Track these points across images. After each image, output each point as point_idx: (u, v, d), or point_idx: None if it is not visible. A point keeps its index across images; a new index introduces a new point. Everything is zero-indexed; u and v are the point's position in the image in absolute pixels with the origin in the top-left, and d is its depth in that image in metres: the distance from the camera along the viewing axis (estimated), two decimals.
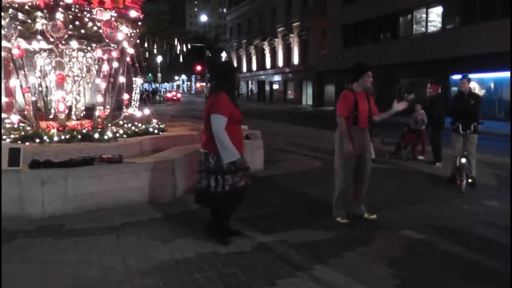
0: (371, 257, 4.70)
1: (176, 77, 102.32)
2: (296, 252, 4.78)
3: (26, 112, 9.58)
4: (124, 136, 9.03)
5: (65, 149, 7.66)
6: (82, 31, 9.07)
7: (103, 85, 9.70)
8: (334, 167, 6.15)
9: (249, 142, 8.91)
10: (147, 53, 23.94)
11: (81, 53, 9.95)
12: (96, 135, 8.66)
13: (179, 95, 67.87)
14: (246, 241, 5.16)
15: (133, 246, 5.02)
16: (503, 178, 9.21)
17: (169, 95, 66.06)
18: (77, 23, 8.93)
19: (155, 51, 23.53)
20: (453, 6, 27.65)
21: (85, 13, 8.99)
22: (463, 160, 8.17)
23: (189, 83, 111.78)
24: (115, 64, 9.89)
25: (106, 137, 8.70)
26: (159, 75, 57.52)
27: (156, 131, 9.87)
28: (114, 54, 9.50)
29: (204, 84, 78.50)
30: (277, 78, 54.76)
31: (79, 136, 8.56)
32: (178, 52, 23.07)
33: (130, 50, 10.18)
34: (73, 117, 9.95)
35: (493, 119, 24.54)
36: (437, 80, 27.02)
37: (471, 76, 25.61)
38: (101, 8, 9.18)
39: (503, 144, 15.45)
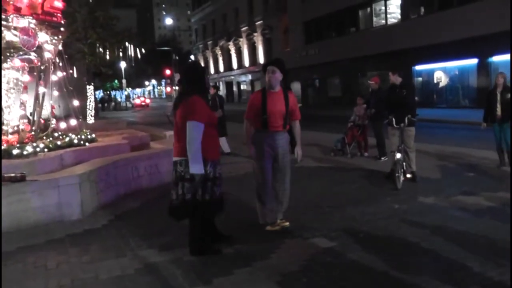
0: (265, 273, 4.29)
1: (146, 82, 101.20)
2: (182, 273, 4.36)
3: None
4: (46, 150, 8.49)
5: None
6: None
7: (24, 97, 9.16)
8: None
9: None
10: (98, 59, 23.34)
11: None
12: (15, 151, 8.10)
13: (148, 101, 67.25)
14: (135, 261, 4.75)
15: (13, 275, 4.57)
16: (449, 170, 8.97)
17: (137, 101, 65.46)
18: None
19: (107, 57, 23.00)
20: None
21: (0, 21, 8.43)
22: (398, 155, 7.86)
23: (160, 87, 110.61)
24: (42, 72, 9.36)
25: (25, 152, 8.14)
26: (123, 81, 56.67)
27: (82, 142, 9.33)
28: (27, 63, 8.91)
29: (174, 88, 77.87)
30: (244, 78, 54.40)
31: None
32: (133, 56, 22.57)
33: (48, 55, 9.52)
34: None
35: (457, 107, 24.59)
36: (401, 71, 27.08)
37: (435, 65, 25.82)
38: (17, 15, 8.62)
39: (465, 132, 15.29)
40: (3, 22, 8.32)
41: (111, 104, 58.13)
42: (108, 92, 69.12)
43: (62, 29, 9.70)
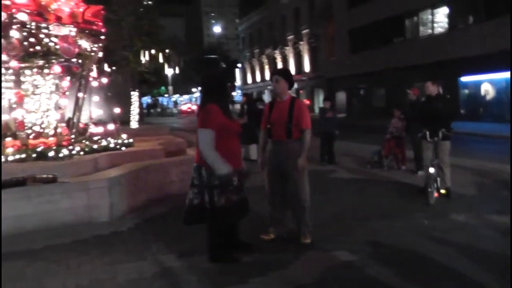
0: (279, 283, 4.26)
1: (194, 89, 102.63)
2: (198, 279, 4.40)
3: None
4: (81, 153, 8.73)
5: (8, 168, 7.35)
6: (38, 47, 8.85)
7: (64, 102, 9.46)
8: None
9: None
10: (143, 67, 23.86)
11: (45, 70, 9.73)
12: (51, 153, 8.37)
13: (194, 107, 68.13)
14: (154, 265, 4.82)
15: (34, 273, 4.73)
16: (486, 187, 8.59)
17: (184, 107, 66.56)
18: (32, 39, 8.70)
19: (151, 64, 23.45)
20: (458, 6, 26.94)
21: (41, 29, 8.76)
22: (431, 170, 7.63)
23: None
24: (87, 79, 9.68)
25: (61, 155, 8.41)
26: (170, 88, 57.76)
27: (118, 146, 9.55)
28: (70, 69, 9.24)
29: None
30: None
31: (33, 155, 8.30)
32: (176, 64, 23.02)
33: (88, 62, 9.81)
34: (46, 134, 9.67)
35: (504, 121, 23.63)
36: (442, 82, 26.39)
37: (482, 77, 24.47)
38: (59, 24, 8.94)
39: (509, 148, 14.57)
40: (44, 31, 8.64)
41: (156, 110, 59.44)
42: (155, 98, 70.58)
43: (102, 37, 9.97)
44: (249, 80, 68.95)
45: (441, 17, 28.84)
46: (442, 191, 7.82)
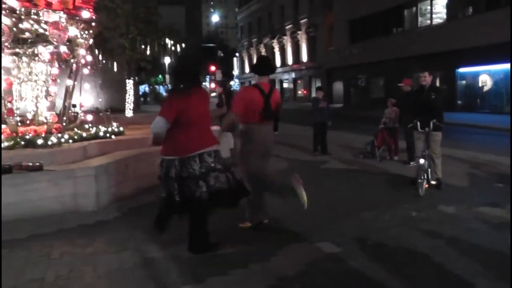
0: (260, 275, 4.21)
1: None
2: (178, 269, 4.36)
3: None
4: (70, 141, 8.66)
5: None
6: (27, 34, 8.75)
7: (53, 89, 9.38)
8: None
9: None
10: (139, 54, 23.66)
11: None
12: (40, 141, 8.29)
13: None
14: (136, 255, 4.78)
15: (17, 262, 4.68)
16: (479, 179, 8.55)
17: None
18: (21, 26, 8.60)
19: (147, 52, 23.23)
20: None
21: (31, 15, 8.65)
22: (422, 161, 7.58)
23: (205, 84, 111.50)
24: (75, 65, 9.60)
25: (50, 142, 8.33)
26: (167, 76, 57.47)
27: (108, 134, 9.48)
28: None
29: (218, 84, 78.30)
30: (287, 76, 54.23)
31: (22, 142, 8.23)
32: (173, 52, 22.84)
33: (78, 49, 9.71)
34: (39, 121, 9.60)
35: (501, 112, 23.61)
36: (446, 73, 26.49)
37: (480, 68, 24.33)
38: (49, 10, 8.82)
39: (506, 140, 14.37)
40: (33, 17, 8.53)
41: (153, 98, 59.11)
42: (152, 86, 70.29)
43: (93, 23, 9.86)
44: (247, 69, 68.63)
45: (440, 8, 28.65)
46: (433, 182, 7.78)
